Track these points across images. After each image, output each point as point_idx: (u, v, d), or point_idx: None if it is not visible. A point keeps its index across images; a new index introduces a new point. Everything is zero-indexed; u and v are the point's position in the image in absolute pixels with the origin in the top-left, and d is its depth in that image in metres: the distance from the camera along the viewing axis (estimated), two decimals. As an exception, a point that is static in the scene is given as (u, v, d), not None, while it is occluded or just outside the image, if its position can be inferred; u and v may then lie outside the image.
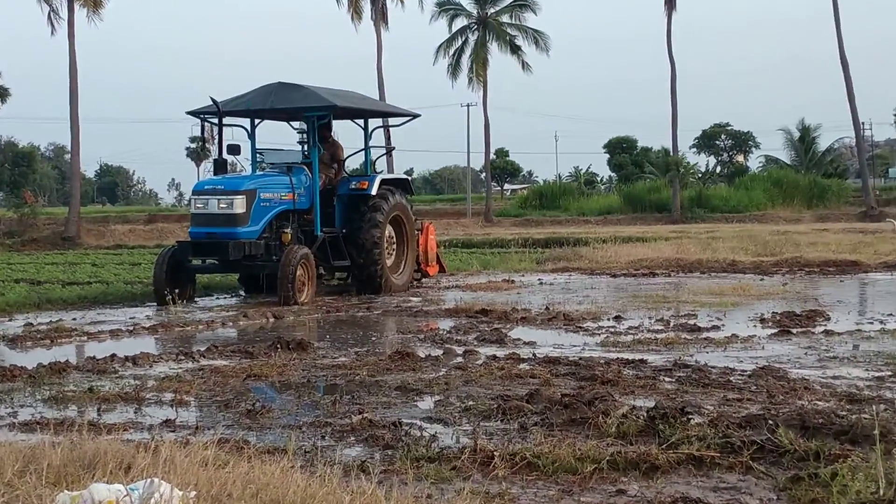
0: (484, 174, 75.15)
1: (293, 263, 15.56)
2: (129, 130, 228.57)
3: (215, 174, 16.80)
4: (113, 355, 10.01)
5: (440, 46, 60.36)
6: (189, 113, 17.43)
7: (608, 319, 13.05)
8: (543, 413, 6.93)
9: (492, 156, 76.67)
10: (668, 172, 61.94)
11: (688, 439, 5.98)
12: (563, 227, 47.22)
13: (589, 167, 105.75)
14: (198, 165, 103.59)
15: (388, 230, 17.79)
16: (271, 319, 13.84)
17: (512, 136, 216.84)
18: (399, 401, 7.80)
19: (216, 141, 16.66)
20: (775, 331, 11.59)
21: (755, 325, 12.25)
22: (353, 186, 17.48)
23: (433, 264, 19.56)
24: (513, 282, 19.33)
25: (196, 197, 16.10)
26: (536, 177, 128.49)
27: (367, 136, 18.71)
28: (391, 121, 21.14)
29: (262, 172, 17.27)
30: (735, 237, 30.46)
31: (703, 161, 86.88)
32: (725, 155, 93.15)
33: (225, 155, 16.65)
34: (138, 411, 7.54)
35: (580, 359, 9.61)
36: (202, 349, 10.55)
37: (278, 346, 10.51)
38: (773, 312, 13.17)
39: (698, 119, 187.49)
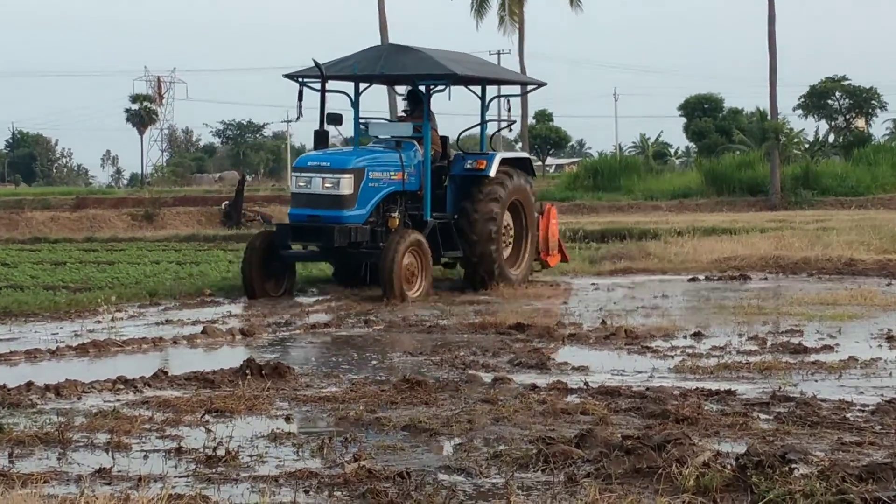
0: (520, 145, 75.19)
1: (399, 250, 17.10)
2: (51, 87, 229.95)
3: (315, 148, 19.06)
4: (29, 383, 10.03)
5: (461, -25, 60.34)
6: (287, 76, 19.36)
7: (685, 337, 13.09)
8: (598, 461, 6.94)
9: (530, 120, 76.78)
10: (764, 142, 61.82)
11: (790, 496, 5.98)
12: (624, 215, 47.17)
13: (659, 135, 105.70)
14: (141, 133, 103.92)
15: (506, 217, 19.37)
16: (238, 337, 13.88)
17: (557, 94, 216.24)
18: (407, 444, 7.82)
19: (300, 107, 18.89)
20: (907, 352, 11.58)
21: (880, 345, 12.26)
22: (468, 166, 19.23)
23: (554, 253, 21.05)
24: (558, 286, 19.41)
25: (298, 174, 18.29)
26: (589, 148, 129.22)
27: (485, 108, 20.45)
28: (509, 89, 22.98)
29: (368, 147, 19.34)
30: (854, 228, 30.37)
31: (812, 127, 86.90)
32: (841, 119, 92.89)
33: (326, 126, 18.70)
34: (63, 457, 7.57)
35: (647, 389, 9.63)
36: (147, 375, 10.58)
37: (248, 371, 10.53)
38: (905, 328, 13.18)
39: (805, 71, 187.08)
